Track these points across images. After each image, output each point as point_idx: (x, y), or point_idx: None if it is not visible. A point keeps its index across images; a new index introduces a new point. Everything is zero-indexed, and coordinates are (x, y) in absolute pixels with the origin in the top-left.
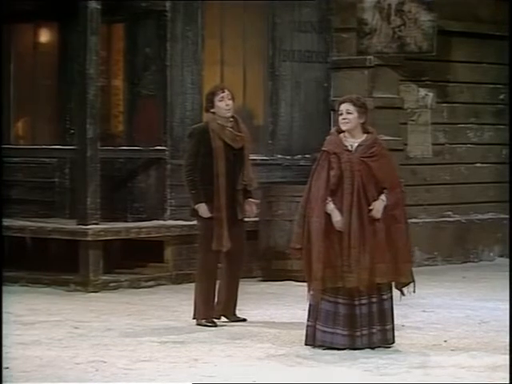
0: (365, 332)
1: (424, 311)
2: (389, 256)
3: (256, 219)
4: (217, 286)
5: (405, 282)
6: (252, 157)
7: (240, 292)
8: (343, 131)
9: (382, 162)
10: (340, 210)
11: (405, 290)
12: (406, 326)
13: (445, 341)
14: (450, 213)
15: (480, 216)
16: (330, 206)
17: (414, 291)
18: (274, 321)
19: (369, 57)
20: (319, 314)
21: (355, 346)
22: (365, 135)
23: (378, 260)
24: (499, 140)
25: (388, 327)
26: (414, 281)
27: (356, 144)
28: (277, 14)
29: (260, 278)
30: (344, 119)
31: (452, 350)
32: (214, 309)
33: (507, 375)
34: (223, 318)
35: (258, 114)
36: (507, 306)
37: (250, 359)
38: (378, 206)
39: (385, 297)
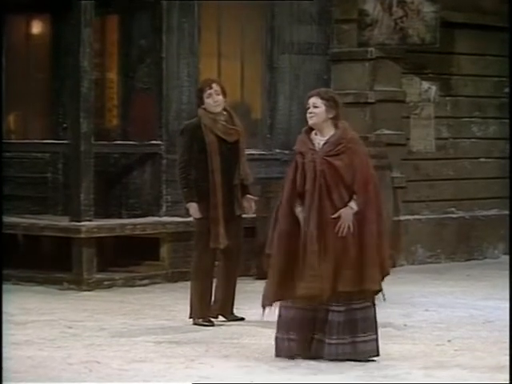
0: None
1: (427, 310)
2: (356, 263)
3: (253, 216)
4: (213, 285)
5: (369, 289)
6: (250, 151)
7: (237, 290)
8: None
9: (351, 159)
10: None
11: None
12: (409, 326)
13: (448, 340)
14: (453, 209)
15: (484, 212)
16: (297, 209)
17: (384, 299)
18: (272, 320)
19: (370, 49)
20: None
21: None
22: (334, 131)
23: (341, 267)
24: (504, 134)
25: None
26: (380, 289)
27: (323, 141)
28: (276, 4)
29: (258, 276)
30: (310, 113)
31: (455, 350)
32: (211, 308)
33: None
34: (220, 317)
35: (256, 108)
36: None
37: (247, 359)
38: (345, 216)
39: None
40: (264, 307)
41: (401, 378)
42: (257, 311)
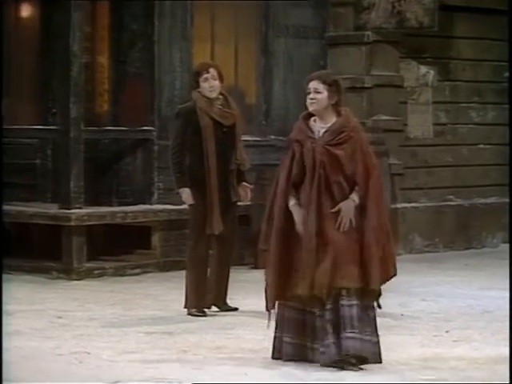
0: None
1: (424, 300)
2: (357, 259)
3: (248, 203)
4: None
5: (372, 289)
6: (245, 137)
7: (231, 280)
8: (314, 115)
9: (353, 149)
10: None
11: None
12: (406, 316)
13: (446, 331)
14: (451, 197)
15: (483, 200)
16: (292, 202)
17: (380, 307)
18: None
19: (367, 32)
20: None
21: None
22: (335, 119)
23: (340, 262)
24: (503, 120)
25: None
26: (379, 293)
27: (324, 129)
28: None
29: (252, 266)
30: (311, 99)
31: (454, 341)
32: (205, 298)
33: None
34: (214, 307)
35: (251, 93)
36: None
37: (241, 351)
38: (346, 209)
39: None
40: (269, 310)
41: (398, 369)
42: (251, 301)
